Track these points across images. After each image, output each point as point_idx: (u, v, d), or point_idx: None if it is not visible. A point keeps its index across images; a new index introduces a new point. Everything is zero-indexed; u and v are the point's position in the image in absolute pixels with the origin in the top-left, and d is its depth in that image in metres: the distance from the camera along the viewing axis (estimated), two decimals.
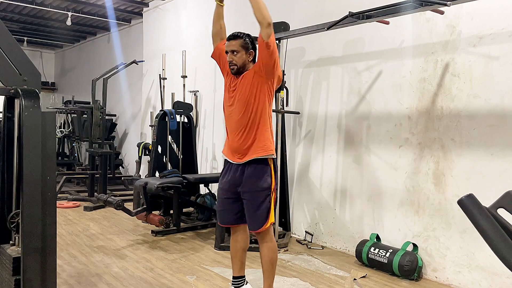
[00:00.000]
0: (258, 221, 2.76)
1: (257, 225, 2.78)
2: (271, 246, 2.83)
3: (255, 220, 2.78)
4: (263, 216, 2.75)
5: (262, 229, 2.77)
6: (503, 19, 3.23)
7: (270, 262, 2.83)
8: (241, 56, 2.77)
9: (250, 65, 2.83)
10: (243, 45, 2.77)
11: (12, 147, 2.30)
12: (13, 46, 2.24)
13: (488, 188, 3.27)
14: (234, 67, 2.79)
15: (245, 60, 2.78)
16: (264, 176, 2.76)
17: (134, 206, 5.41)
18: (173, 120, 5.56)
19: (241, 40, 2.77)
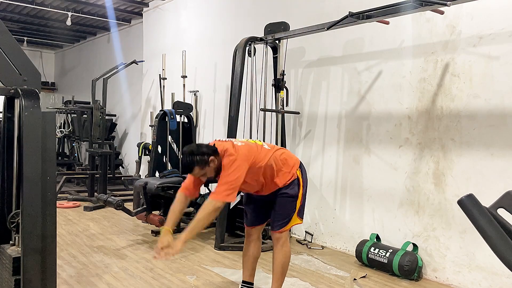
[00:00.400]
0: (280, 223, 2.86)
1: (279, 225, 2.87)
2: (285, 251, 2.90)
3: (278, 220, 2.87)
4: (285, 219, 2.85)
5: (281, 230, 2.86)
6: (503, 19, 3.23)
7: (282, 266, 2.90)
8: (210, 172, 2.69)
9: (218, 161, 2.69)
10: (202, 166, 2.65)
11: (12, 147, 2.30)
12: (13, 46, 2.24)
13: (488, 188, 3.28)
14: (211, 178, 2.76)
15: (212, 170, 2.69)
16: (292, 185, 2.86)
17: (134, 206, 5.40)
18: (173, 120, 5.56)
19: (197, 167, 2.65)
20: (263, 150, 2.82)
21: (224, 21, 6.18)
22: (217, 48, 6.27)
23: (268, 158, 2.79)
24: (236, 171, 2.59)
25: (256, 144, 2.85)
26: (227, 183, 2.58)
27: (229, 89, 5.04)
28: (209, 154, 2.64)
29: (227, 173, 2.60)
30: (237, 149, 2.67)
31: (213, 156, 2.65)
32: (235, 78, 4.42)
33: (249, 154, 2.69)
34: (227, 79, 5.77)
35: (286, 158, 2.88)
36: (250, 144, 2.81)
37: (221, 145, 2.71)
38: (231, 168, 2.60)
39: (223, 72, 6.04)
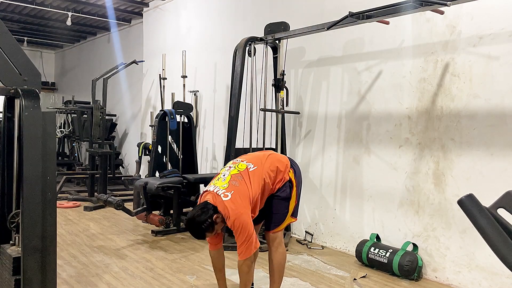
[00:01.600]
0: (273, 224, 2.87)
1: (272, 226, 2.88)
2: (281, 251, 2.91)
3: (272, 220, 2.88)
4: (279, 220, 2.87)
5: (275, 230, 2.87)
6: (503, 19, 3.23)
7: (279, 266, 2.91)
8: (219, 228, 2.69)
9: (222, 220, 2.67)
10: (211, 230, 2.64)
11: (12, 147, 2.30)
12: (13, 46, 2.25)
13: (488, 188, 3.27)
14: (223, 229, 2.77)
15: (220, 225, 2.68)
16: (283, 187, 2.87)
17: (134, 206, 5.40)
18: (173, 120, 5.56)
19: (208, 233, 2.65)
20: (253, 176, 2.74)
21: (224, 21, 6.18)
22: (217, 48, 6.27)
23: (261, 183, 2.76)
24: (243, 228, 2.59)
25: (243, 178, 2.72)
26: (244, 243, 2.61)
27: (229, 89, 5.04)
28: (211, 215, 2.61)
29: (237, 235, 2.61)
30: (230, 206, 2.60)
31: (215, 214, 2.62)
32: (235, 78, 4.42)
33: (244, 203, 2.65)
34: (227, 79, 5.77)
35: (276, 166, 2.84)
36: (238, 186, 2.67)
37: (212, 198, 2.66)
38: (238, 229, 2.60)
39: (223, 72, 6.04)
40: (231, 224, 2.60)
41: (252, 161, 2.85)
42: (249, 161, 2.85)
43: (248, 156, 2.95)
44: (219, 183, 2.73)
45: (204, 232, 2.63)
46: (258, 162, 2.84)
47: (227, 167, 2.87)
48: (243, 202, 2.64)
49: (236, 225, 2.59)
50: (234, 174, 2.75)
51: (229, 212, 2.60)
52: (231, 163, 2.91)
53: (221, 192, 2.66)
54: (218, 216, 2.62)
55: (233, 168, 2.82)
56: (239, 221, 2.58)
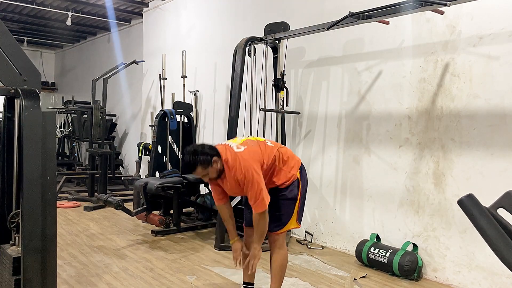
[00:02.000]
0: (278, 224, 2.85)
1: (275, 228, 2.85)
2: (283, 253, 2.90)
3: (274, 222, 2.83)
4: (284, 220, 2.84)
5: (278, 232, 2.86)
6: (503, 19, 3.23)
7: (280, 268, 2.90)
8: (211, 172, 2.67)
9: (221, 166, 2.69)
10: (204, 167, 2.64)
11: (12, 147, 2.30)
12: (13, 46, 2.25)
13: (488, 188, 3.27)
14: (213, 179, 2.76)
15: (215, 171, 2.68)
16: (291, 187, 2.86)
17: (134, 206, 5.41)
18: (173, 120, 5.56)
19: (200, 166, 2.64)
20: (267, 148, 2.80)
21: (224, 21, 6.18)
22: (217, 48, 6.27)
23: (271, 158, 2.78)
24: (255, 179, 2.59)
25: (258, 143, 2.81)
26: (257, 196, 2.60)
27: (229, 89, 5.04)
28: (213, 155, 2.64)
29: (249, 189, 2.61)
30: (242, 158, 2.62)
31: (216, 157, 2.65)
32: (235, 78, 4.42)
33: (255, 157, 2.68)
34: (227, 79, 5.77)
35: (288, 157, 2.88)
36: (252, 146, 2.75)
37: (223, 151, 2.69)
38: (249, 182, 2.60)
39: (223, 72, 6.04)
40: (242, 175, 2.58)
41: (270, 141, 2.95)
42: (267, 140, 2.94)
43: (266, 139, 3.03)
44: (234, 140, 2.81)
45: (197, 164, 2.61)
46: (274, 144, 2.92)
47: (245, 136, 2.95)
48: (254, 156, 2.66)
49: (248, 176, 2.57)
50: (251, 140, 2.83)
51: (240, 162, 2.59)
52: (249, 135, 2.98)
53: (234, 145, 2.71)
54: (218, 161, 2.64)
55: (251, 136, 2.92)
56: (250, 172, 2.58)
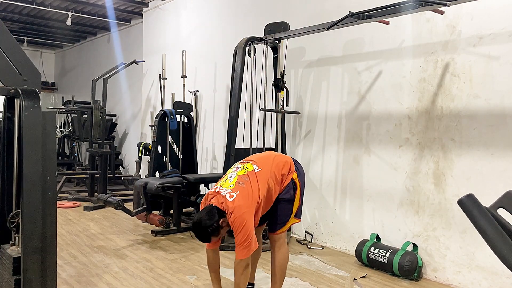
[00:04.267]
0: (277, 225, 2.88)
1: (275, 228, 2.88)
2: (284, 252, 2.91)
3: (274, 223, 2.89)
4: (282, 221, 2.87)
5: (278, 232, 2.88)
6: (503, 19, 3.23)
7: (281, 267, 2.90)
8: (224, 232, 2.70)
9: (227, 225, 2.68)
10: (216, 234, 2.65)
11: (12, 147, 2.30)
12: (13, 46, 2.25)
13: (488, 188, 3.27)
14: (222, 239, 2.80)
15: (225, 229, 2.69)
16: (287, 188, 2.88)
17: (134, 206, 5.40)
18: (173, 120, 5.56)
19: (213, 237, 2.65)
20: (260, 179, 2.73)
21: (224, 21, 6.18)
22: (217, 48, 6.27)
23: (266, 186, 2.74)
24: (244, 228, 2.57)
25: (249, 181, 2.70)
26: (242, 243, 2.58)
27: (229, 89, 5.04)
28: (218, 220, 2.61)
29: (237, 234, 2.59)
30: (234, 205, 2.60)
31: (222, 219, 2.62)
32: (235, 78, 4.42)
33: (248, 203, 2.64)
34: (227, 79, 5.77)
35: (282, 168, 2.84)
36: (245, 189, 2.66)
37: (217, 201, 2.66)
38: (238, 229, 2.58)
39: (223, 72, 6.04)
40: (232, 222, 2.59)
41: (259, 162, 2.85)
42: (256, 163, 2.84)
43: (255, 157, 2.94)
44: (226, 184, 2.72)
45: (210, 236, 2.62)
46: (265, 164, 2.83)
47: (234, 168, 2.87)
48: (247, 202, 2.63)
49: (237, 224, 2.58)
50: (241, 175, 2.74)
51: (232, 210, 2.59)
52: (238, 164, 2.90)
53: (226, 192, 2.66)
54: (224, 220, 2.62)
55: (240, 168, 2.81)
56: (240, 220, 2.57)
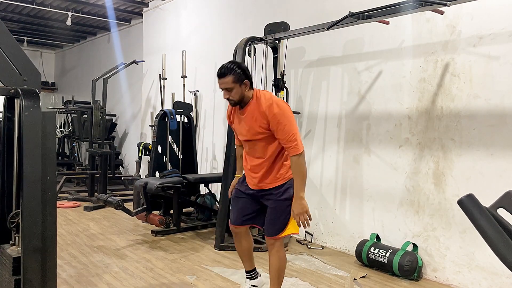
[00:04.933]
0: (275, 228, 2.78)
1: (274, 231, 2.78)
2: (281, 256, 2.85)
3: (272, 226, 2.78)
4: (281, 224, 2.76)
5: (276, 236, 2.79)
6: (503, 19, 3.23)
7: (278, 271, 2.86)
8: (237, 91, 2.67)
9: (250, 93, 2.72)
10: (235, 80, 2.65)
11: (12, 147, 2.30)
12: (13, 46, 2.24)
13: (488, 188, 3.27)
14: (232, 102, 2.75)
15: (241, 92, 2.68)
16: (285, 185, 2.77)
17: (134, 206, 5.40)
18: (173, 120, 5.56)
19: (231, 76, 2.65)
20: None
21: (224, 21, 6.18)
22: (217, 48, 6.27)
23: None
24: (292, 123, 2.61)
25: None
26: (294, 135, 2.59)
27: None
28: (248, 76, 2.68)
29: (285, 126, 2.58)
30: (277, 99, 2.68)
31: (248, 81, 2.67)
32: None
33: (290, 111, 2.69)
34: None
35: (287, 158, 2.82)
36: None
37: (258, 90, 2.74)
38: (288, 120, 2.59)
39: None
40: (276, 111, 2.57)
41: None
42: None
43: None
44: None
45: (231, 72, 2.64)
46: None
47: None
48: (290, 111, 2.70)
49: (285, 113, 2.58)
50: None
51: (275, 100, 2.63)
52: None
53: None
54: (247, 86, 2.67)
55: None
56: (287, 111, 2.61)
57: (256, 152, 2.77)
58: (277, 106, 2.61)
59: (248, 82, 2.69)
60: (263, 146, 2.72)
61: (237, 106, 2.79)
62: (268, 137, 2.68)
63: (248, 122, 2.72)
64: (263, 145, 2.72)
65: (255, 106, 2.68)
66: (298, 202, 2.64)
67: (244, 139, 2.82)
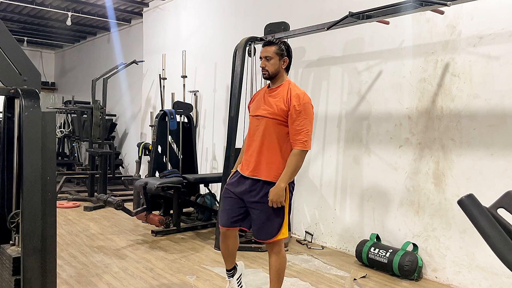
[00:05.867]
0: (269, 232, 2.74)
1: (267, 236, 2.74)
2: (280, 257, 2.82)
3: (265, 230, 2.74)
4: (274, 227, 2.72)
5: (271, 240, 2.75)
6: (503, 19, 3.23)
7: (277, 272, 2.83)
8: (275, 63, 2.76)
9: (284, 75, 2.82)
10: (278, 52, 2.76)
11: (12, 147, 2.30)
12: (13, 46, 2.24)
13: (488, 188, 3.28)
14: (265, 72, 2.78)
15: (278, 67, 2.77)
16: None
17: (134, 206, 5.41)
18: (173, 120, 5.56)
19: (276, 46, 2.77)
20: None
21: (224, 21, 6.18)
22: (217, 48, 6.27)
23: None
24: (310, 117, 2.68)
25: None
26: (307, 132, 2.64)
27: (229, 89, 5.04)
28: (289, 55, 2.83)
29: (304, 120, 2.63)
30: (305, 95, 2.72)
31: (288, 59, 2.81)
32: (235, 78, 4.42)
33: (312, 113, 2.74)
34: (227, 79, 5.77)
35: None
36: None
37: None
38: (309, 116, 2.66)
39: (223, 72, 6.04)
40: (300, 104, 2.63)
41: None
42: None
43: None
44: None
45: (277, 44, 2.77)
46: None
47: None
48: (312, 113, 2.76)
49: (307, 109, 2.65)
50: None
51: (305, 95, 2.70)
52: None
53: None
54: (286, 63, 2.81)
55: None
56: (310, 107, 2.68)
57: (261, 133, 2.74)
58: (307, 101, 2.69)
59: (288, 60, 2.81)
60: (270, 128, 2.71)
61: (267, 87, 2.85)
62: (279, 123, 2.69)
63: (271, 100, 2.74)
64: (271, 128, 2.71)
65: (286, 90, 2.73)
66: (277, 189, 2.65)
67: (257, 114, 2.80)
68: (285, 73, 2.83)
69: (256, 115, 2.80)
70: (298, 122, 2.63)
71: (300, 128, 2.63)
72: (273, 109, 2.70)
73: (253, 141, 2.79)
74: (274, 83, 2.81)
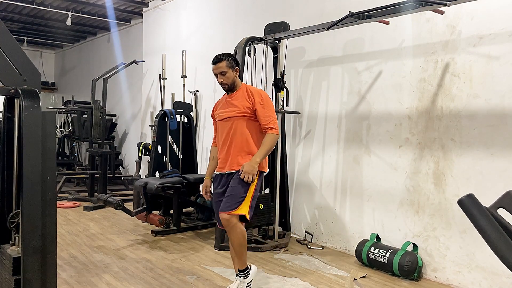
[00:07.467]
0: (228, 205, 2.96)
1: (226, 208, 2.97)
2: (239, 231, 2.98)
3: (227, 203, 2.97)
4: (234, 202, 2.95)
5: (230, 212, 2.94)
6: (503, 19, 3.23)
7: (240, 245, 3.02)
8: (230, 75, 3.12)
9: (239, 81, 3.21)
10: (229, 65, 3.11)
11: (12, 147, 2.30)
12: (13, 46, 2.24)
13: (488, 188, 3.28)
14: (225, 86, 3.16)
15: (233, 77, 3.14)
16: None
17: (134, 206, 5.41)
18: (173, 120, 5.56)
19: (225, 61, 3.10)
20: None
21: (224, 21, 6.18)
22: (217, 48, 6.26)
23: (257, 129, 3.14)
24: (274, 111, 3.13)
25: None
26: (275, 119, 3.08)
27: None
28: (238, 64, 3.20)
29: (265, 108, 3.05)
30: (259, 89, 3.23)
31: (238, 68, 3.19)
32: None
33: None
34: None
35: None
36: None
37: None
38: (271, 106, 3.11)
39: None
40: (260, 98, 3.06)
41: None
42: None
43: None
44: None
45: (224, 58, 3.10)
46: None
47: None
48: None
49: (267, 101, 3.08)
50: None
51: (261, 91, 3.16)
52: None
53: None
54: (237, 72, 3.17)
55: None
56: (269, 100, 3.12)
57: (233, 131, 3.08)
58: (266, 95, 3.15)
59: (238, 69, 3.20)
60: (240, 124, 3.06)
61: (226, 94, 3.21)
62: (248, 119, 3.06)
63: (234, 103, 3.11)
64: (241, 124, 3.06)
65: (245, 91, 3.13)
66: (252, 163, 2.97)
67: (226, 116, 3.13)
68: (239, 79, 3.21)
69: (224, 118, 3.15)
70: (265, 113, 3.05)
71: (269, 118, 3.05)
72: (239, 108, 3.08)
73: (226, 141, 3.11)
74: (232, 90, 3.18)
